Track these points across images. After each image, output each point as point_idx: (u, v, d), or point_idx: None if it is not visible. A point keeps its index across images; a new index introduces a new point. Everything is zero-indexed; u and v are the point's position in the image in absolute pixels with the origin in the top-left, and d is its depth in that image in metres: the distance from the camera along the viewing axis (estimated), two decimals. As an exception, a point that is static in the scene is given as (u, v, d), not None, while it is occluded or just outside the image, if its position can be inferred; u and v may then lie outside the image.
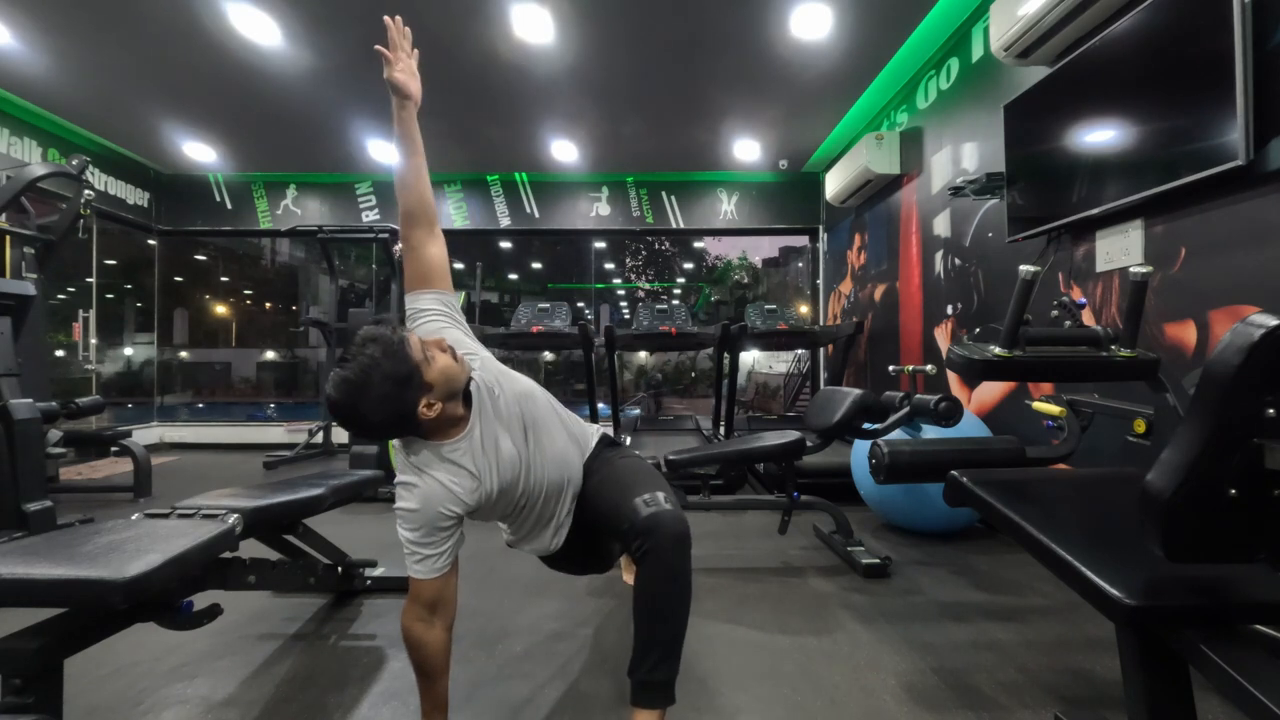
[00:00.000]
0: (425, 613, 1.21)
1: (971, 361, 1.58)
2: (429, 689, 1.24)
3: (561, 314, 4.43)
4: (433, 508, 1.20)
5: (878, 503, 2.87)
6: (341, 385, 1.14)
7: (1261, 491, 0.73)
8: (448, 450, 1.23)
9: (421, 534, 1.20)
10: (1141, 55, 2.08)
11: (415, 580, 1.21)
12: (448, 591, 1.23)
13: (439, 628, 1.22)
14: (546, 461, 1.34)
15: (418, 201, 1.43)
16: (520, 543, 1.45)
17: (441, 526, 1.20)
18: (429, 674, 1.23)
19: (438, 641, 1.21)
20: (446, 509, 1.20)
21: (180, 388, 14.08)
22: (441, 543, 1.21)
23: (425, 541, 1.20)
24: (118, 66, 3.82)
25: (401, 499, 1.21)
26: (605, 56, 3.69)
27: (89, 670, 1.56)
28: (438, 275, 1.40)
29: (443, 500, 1.20)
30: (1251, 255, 1.81)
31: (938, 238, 3.60)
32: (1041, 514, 1.13)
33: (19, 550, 1.14)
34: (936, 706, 1.43)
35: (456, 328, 1.38)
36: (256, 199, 5.83)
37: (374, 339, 1.16)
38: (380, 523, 3.09)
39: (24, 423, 2.60)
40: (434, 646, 1.21)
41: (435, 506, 1.20)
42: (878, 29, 3.39)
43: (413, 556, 1.20)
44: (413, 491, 1.21)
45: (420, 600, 1.21)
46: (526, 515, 1.36)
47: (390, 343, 1.16)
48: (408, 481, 1.22)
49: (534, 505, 1.35)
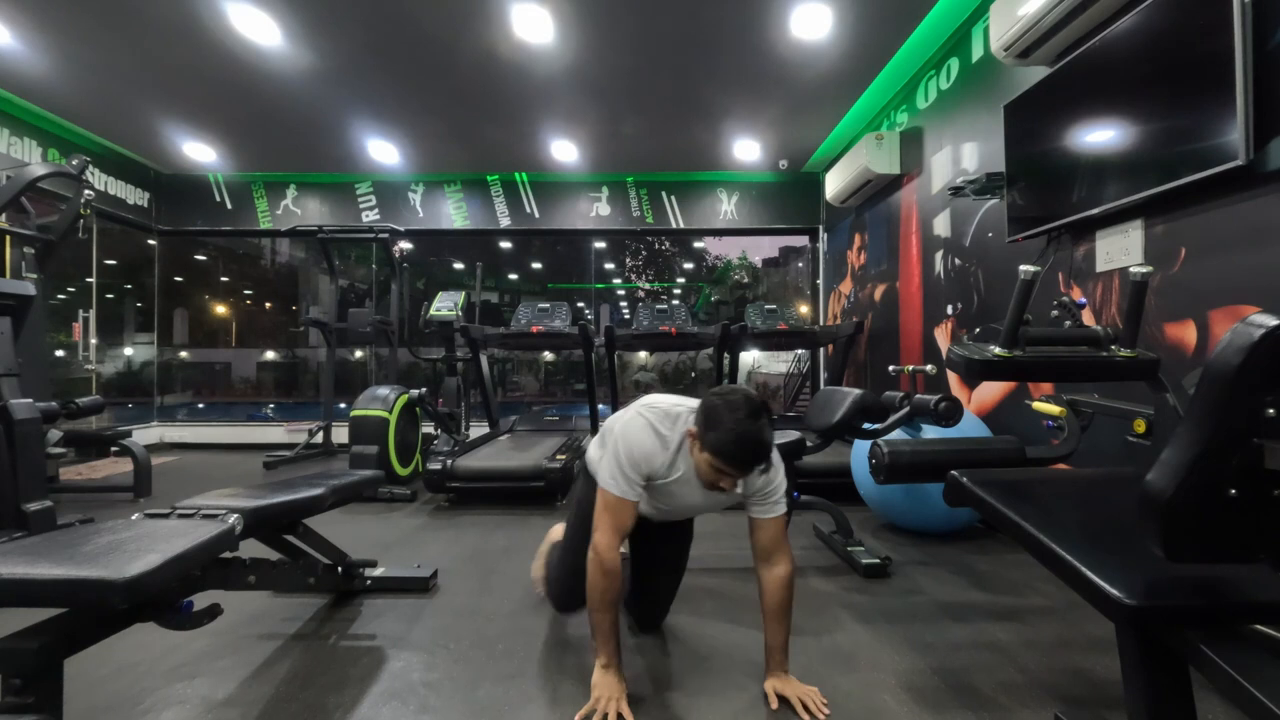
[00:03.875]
0: (618, 540, 1.45)
1: (971, 361, 1.58)
2: (612, 621, 1.45)
3: (561, 314, 4.43)
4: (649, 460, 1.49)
5: (878, 503, 2.87)
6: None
7: (1261, 491, 0.73)
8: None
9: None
10: (1141, 55, 2.08)
11: (619, 500, 1.44)
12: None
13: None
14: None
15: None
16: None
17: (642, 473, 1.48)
18: (615, 601, 1.46)
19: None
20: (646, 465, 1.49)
21: (180, 388, 14.07)
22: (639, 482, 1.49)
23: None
24: (118, 66, 3.82)
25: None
26: (605, 56, 3.69)
27: (89, 670, 1.56)
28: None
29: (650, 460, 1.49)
30: (1251, 255, 1.81)
31: (938, 238, 3.60)
32: (1041, 514, 1.13)
33: (19, 550, 1.14)
34: (936, 706, 1.43)
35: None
36: (256, 199, 5.84)
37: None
38: (380, 523, 3.10)
39: (24, 423, 2.60)
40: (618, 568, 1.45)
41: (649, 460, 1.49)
42: (878, 29, 3.39)
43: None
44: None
45: (621, 531, 1.45)
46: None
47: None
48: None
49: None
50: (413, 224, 5.79)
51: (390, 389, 3.88)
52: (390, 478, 3.67)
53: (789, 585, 1.49)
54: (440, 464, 3.38)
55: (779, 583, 1.48)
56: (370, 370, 6.74)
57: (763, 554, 1.51)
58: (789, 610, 1.49)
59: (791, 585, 1.49)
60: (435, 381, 5.15)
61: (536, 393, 14.86)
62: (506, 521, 3.11)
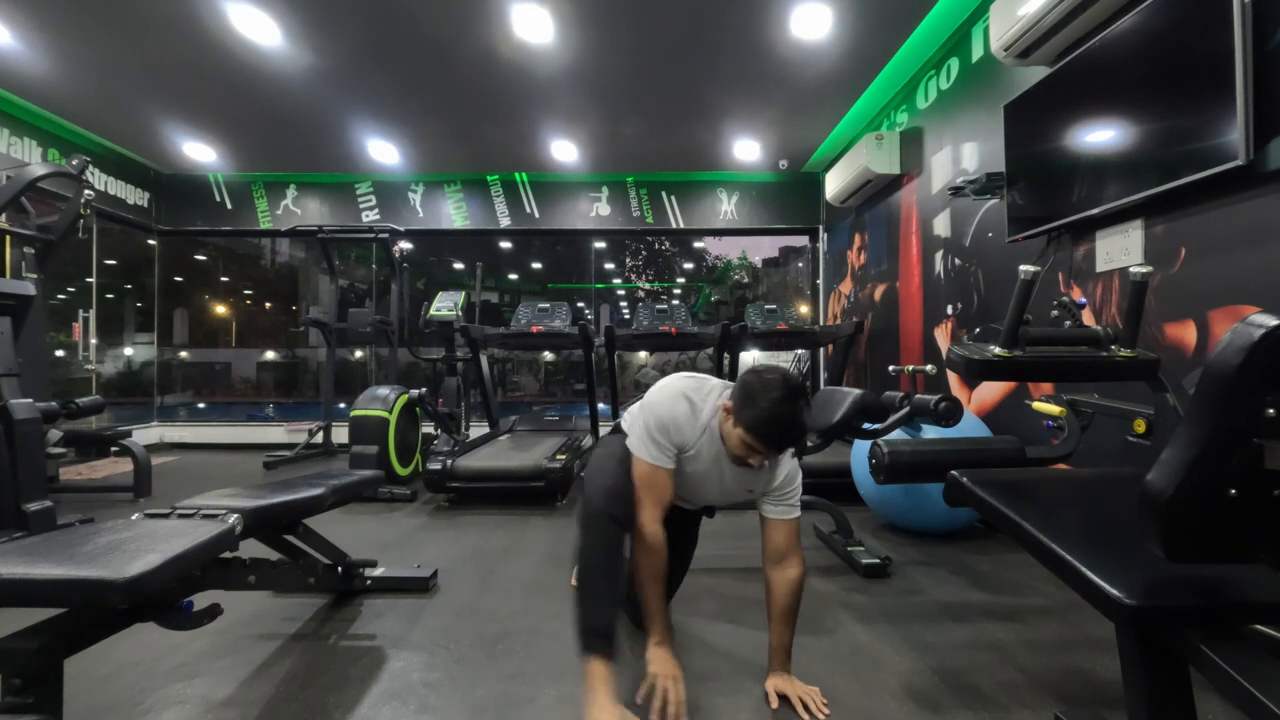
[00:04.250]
0: (660, 513, 1.46)
1: (971, 361, 1.58)
2: (660, 594, 1.49)
3: (561, 314, 4.42)
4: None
5: (878, 503, 2.87)
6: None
7: (1261, 491, 0.73)
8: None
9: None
10: (1142, 55, 2.08)
11: (652, 470, 1.46)
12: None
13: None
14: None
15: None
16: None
17: (673, 440, 1.49)
18: (661, 573, 1.48)
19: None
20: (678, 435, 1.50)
21: (180, 388, 14.06)
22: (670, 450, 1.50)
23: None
24: (118, 66, 3.82)
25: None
26: (605, 57, 3.69)
27: (89, 670, 1.56)
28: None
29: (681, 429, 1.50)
30: (1251, 255, 1.81)
31: (938, 238, 3.60)
32: (1041, 514, 1.13)
33: (19, 550, 1.14)
34: (936, 706, 1.43)
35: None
36: (256, 199, 5.84)
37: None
38: (380, 523, 3.10)
39: (24, 423, 2.60)
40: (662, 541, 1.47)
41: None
42: (878, 29, 3.39)
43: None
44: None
45: (661, 503, 1.47)
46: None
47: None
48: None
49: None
50: (413, 224, 5.79)
51: (390, 389, 3.88)
52: (390, 478, 3.67)
53: (799, 589, 1.49)
54: (440, 464, 3.38)
55: (789, 586, 1.48)
56: (370, 370, 6.74)
57: (775, 555, 1.51)
58: (796, 613, 1.49)
59: (801, 589, 1.49)
60: (435, 381, 5.15)
61: (536, 393, 14.85)
62: (506, 521, 3.11)
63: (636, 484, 1.48)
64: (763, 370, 1.41)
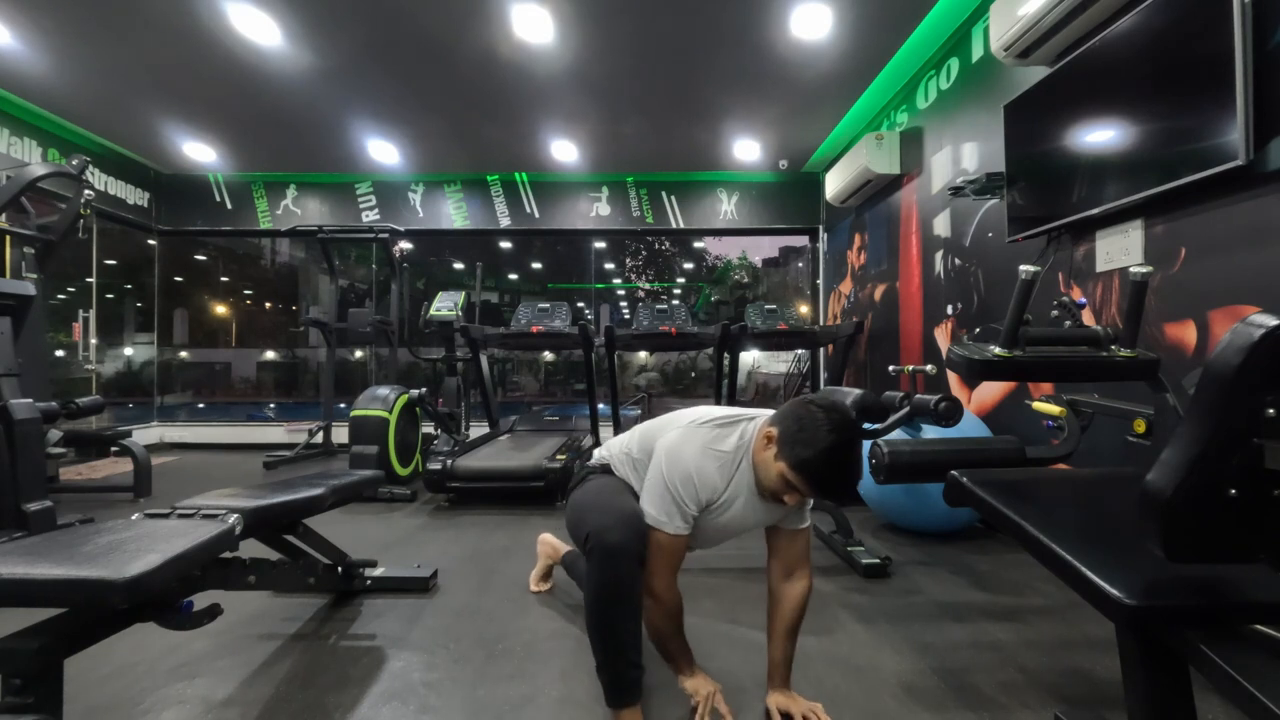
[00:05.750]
0: (675, 578, 1.38)
1: (971, 361, 1.58)
2: (681, 640, 1.44)
3: (561, 314, 4.42)
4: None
5: (878, 503, 2.86)
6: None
7: (1261, 491, 0.73)
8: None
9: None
10: (1141, 55, 2.08)
11: (671, 540, 1.35)
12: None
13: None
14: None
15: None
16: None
17: (699, 502, 1.37)
18: (681, 624, 1.43)
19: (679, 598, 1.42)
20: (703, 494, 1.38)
21: (180, 388, 14.06)
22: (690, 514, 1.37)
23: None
24: (118, 66, 3.82)
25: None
26: (605, 57, 3.69)
27: (89, 670, 1.56)
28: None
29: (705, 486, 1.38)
30: (1251, 255, 1.81)
31: (938, 238, 3.60)
32: (1041, 514, 1.13)
33: (19, 550, 1.14)
34: (936, 706, 1.43)
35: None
36: (256, 199, 5.83)
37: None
38: (380, 523, 3.10)
39: (24, 423, 2.60)
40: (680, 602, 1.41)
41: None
42: (878, 29, 3.39)
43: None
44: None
45: (678, 567, 1.38)
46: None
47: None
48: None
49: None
50: (413, 224, 5.79)
51: (390, 389, 3.88)
52: (390, 478, 3.67)
53: (805, 603, 1.43)
54: (440, 464, 3.38)
55: (798, 600, 1.42)
56: (370, 370, 6.73)
57: (785, 568, 1.44)
58: (799, 627, 1.44)
59: (807, 602, 1.43)
60: (435, 381, 5.15)
61: (536, 393, 14.86)
62: (506, 521, 3.11)
63: (653, 552, 1.33)
64: (822, 403, 1.26)
